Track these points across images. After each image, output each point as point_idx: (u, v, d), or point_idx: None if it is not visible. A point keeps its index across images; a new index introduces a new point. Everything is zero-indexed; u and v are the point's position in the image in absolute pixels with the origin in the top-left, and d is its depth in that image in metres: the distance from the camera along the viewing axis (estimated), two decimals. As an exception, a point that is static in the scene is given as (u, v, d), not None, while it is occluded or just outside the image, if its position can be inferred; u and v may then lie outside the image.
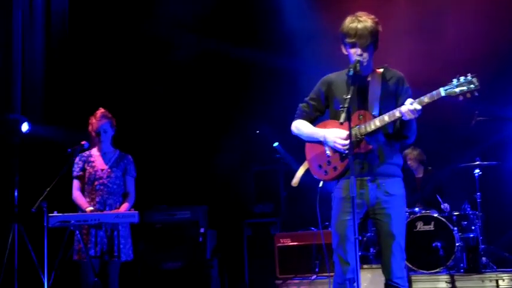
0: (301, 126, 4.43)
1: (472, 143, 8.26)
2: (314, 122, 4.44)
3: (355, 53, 4.19)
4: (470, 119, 7.68)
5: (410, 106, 3.97)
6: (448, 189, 8.05)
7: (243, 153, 8.89)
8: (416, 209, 7.47)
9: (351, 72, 4.12)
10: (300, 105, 4.50)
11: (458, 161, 7.92)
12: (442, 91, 3.94)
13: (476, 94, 3.90)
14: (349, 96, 3.99)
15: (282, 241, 7.57)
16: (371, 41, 4.20)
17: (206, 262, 7.44)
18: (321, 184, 4.49)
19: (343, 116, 3.94)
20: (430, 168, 8.16)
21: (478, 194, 7.54)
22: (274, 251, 7.53)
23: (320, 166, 4.36)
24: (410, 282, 6.85)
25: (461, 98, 3.92)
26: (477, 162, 7.59)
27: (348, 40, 4.19)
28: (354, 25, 4.17)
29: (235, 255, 8.47)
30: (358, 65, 4.15)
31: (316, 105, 4.43)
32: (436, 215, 7.25)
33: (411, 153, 8.08)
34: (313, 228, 7.51)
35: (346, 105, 3.96)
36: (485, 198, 7.57)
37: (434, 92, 3.97)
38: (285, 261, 7.46)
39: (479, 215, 7.44)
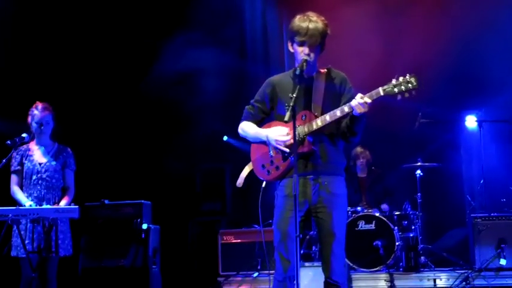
0: (246, 128, 4.45)
1: (415, 145, 8.41)
2: (260, 123, 4.46)
3: (302, 52, 4.22)
4: (414, 121, 7.83)
5: (360, 100, 4.00)
6: (390, 189, 8.18)
7: (190, 151, 8.85)
8: (359, 208, 7.58)
9: (298, 72, 4.16)
10: (246, 107, 4.52)
11: (401, 161, 8.05)
12: (381, 90, 4.00)
13: (414, 93, 3.95)
14: (294, 95, 4.02)
15: (225, 238, 7.57)
16: (320, 42, 4.25)
17: (148, 259, 7.35)
18: (263, 184, 4.50)
19: (288, 114, 3.97)
20: (373, 168, 8.27)
21: (419, 194, 7.70)
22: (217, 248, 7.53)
23: (263, 166, 4.38)
24: (350, 280, 6.93)
25: (399, 97, 3.97)
26: (419, 164, 7.75)
27: (298, 38, 4.22)
28: (305, 24, 4.20)
29: (179, 253, 8.43)
30: (305, 64, 4.19)
31: (261, 107, 4.45)
32: (377, 214, 7.36)
33: (364, 152, 8.17)
34: (256, 226, 7.53)
35: (291, 104, 3.99)
36: (426, 199, 7.74)
37: (373, 92, 4.03)
38: (228, 259, 7.47)
39: (420, 215, 7.61)
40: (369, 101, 4.00)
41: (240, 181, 4.69)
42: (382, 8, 8.31)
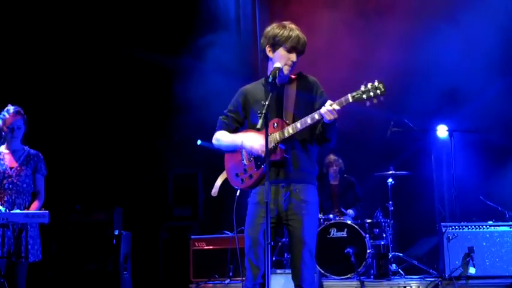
0: (220, 137, 4.47)
1: (387, 153, 8.48)
2: (234, 133, 4.47)
3: (290, 58, 4.28)
4: (386, 129, 7.90)
5: (329, 107, 4.04)
6: (360, 197, 8.24)
7: (163, 156, 8.83)
8: (331, 215, 7.61)
9: (270, 79, 4.18)
10: (220, 117, 4.54)
11: (373, 170, 8.12)
12: (350, 97, 4.05)
13: (382, 99, 4.01)
14: (267, 103, 4.05)
15: (197, 244, 7.55)
16: (304, 50, 4.36)
17: (119, 265, 7.32)
18: (238, 193, 4.52)
19: (260, 122, 3.99)
20: (346, 176, 8.32)
21: (390, 202, 7.77)
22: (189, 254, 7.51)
23: (237, 175, 4.40)
24: (322, 287, 6.95)
25: (368, 103, 4.03)
26: (390, 172, 7.82)
27: (289, 44, 4.27)
28: (294, 33, 4.29)
29: (150, 258, 8.39)
30: (278, 72, 4.22)
31: (234, 117, 4.48)
32: (349, 222, 7.40)
33: (336, 160, 8.19)
34: (227, 232, 7.52)
35: (264, 111, 4.01)
36: (397, 207, 7.81)
37: (342, 98, 4.07)
38: (199, 265, 7.44)
39: (391, 223, 7.67)
40: (337, 107, 4.04)
41: (214, 190, 4.75)
42: (358, 16, 8.37)
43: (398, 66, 7.94)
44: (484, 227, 7.04)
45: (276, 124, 4.25)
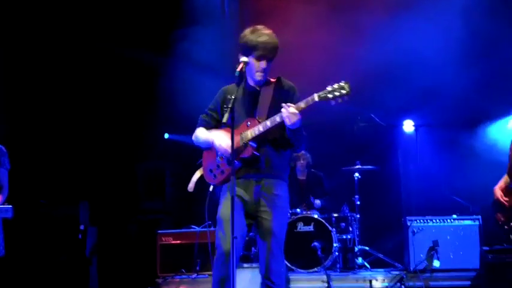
0: (198, 133, 4.59)
1: (354, 148, 8.53)
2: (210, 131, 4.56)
3: (259, 66, 4.36)
4: (354, 124, 7.95)
5: (288, 112, 4.13)
6: (329, 191, 8.28)
7: (131, 149, 8.77)
8: (298, 209, 7.63)
9: (237, 73, 4.23)
10: (201, 115, 4.65)
11: (340, 164, 8.16)
12: (316, 96, 4.13)
13: (346, 99, 4.09)
14: (233, 97, 4.12)
15: (164, 239, 7.53)
16: (274, 55, 4.39)
17: (85, 259, 7.26)
18: (211, 188, 4.57)
19: (225, 115, 4.02)
20: (313, 170, 8.34)
21: (357, 196, 7.83)
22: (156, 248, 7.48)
23: (211, 170, 4.52)
24: (288, 281, 6.97)
25: (333, 102, 4.11)
26: (357, 166, 7.87)
27: (257, 53, 4.32)
28: (262, 39, 4.32)
29: (118, 252, 8.32)
30: (244, 66, 4.28)
31: (214, 115, 4.59)
32: (316, 216, 7.44)
33: (304, 155, 8.20)
34: (195, 227, 7.50)
35: (230, 106, 4.07)
36: (364, 201, 7.86)
37: (309, 98, 4.16)
38: (167, 260, 7.43)
39: (357, 217, 7.73)
40: (295, 111, 4.11)
41: (191, 185, 4.85)
42: (331, 9, 8.37)
43: (369, 61, 7.98)
44: (449, 220, 7.15)
45: (249, 123, 4.36)
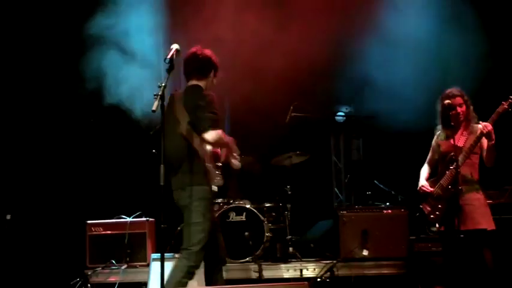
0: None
1: (286, 138, 8.54)
2: None
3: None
4: (286, 114, 7.97)
5: None
6: (262, 180, 8.30)
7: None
8: (231, 200, 7.62)
9: (167, 60, 4.42)
10: (209, 115, 4.73)
11: (272, 154, 8.17)
12: None
13: None
14: (163, 84, 4.11)
15: (93, 229, 7.40)
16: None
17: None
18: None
19: (155, 103, 4.01)
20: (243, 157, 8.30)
21: (288, 186, 7.86)
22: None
23: None
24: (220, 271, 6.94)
25: None
26: (289, 155, 7.88)
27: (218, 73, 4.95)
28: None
29: (45, 243, 8.11)
30: (175, 53, 4.48)
31: None
32: (248, 206, 7.44)
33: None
34: (125, 217, 7.39)
35: (159, 93, 4.05)
36: (295, 191, 7.90)
37: None
38: (96, 250, 7.31)
39: (289, 206, 7.76)
40: None
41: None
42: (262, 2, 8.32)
43: (302, 51, 7.97)
44: (378, 210, 7.27)
45: None
